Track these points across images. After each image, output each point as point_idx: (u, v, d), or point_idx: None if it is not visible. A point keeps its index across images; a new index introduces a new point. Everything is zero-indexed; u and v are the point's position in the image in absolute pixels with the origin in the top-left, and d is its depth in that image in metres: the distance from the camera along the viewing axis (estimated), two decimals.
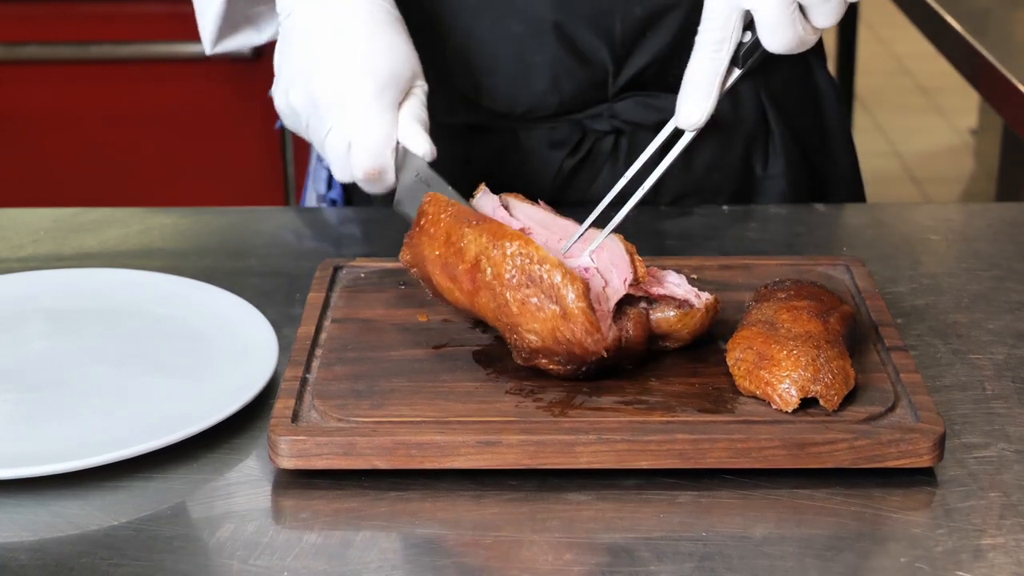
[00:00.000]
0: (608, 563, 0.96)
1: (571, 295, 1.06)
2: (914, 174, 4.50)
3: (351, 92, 1.20)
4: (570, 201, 1.47)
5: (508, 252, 1.08)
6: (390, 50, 1.22)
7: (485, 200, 1.20)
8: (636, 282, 1.11)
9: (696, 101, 1.12)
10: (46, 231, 1.46)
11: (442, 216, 1.13)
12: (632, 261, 1.12)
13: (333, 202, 1.59)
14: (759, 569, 0.96)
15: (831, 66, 1.80)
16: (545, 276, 1.07)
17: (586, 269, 1.13)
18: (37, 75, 2.58)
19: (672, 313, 1.12)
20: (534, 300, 1.07)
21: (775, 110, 1.52)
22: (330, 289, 1.24)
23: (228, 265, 1.39)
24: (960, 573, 0.95)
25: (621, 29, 1.42)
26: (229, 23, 1.40)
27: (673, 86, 1.46)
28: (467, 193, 1.23)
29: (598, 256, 1.14)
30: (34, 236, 1.45)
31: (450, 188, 1.21)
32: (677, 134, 1.15)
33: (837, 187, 1.59)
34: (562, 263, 1.07)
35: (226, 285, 1.29)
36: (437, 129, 1.30)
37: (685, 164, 1.49)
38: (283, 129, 2.63)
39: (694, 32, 1.28)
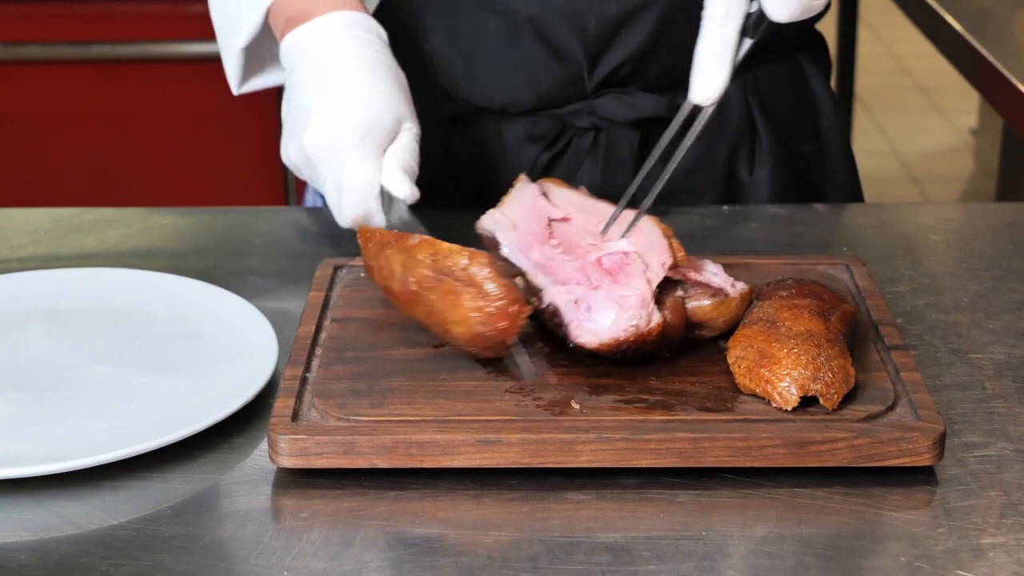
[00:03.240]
0: (608, 562, 0.96)
1: (482, 272, 1.08)
2: (914, 174, 4.50)
3: (335, 142, 1.25)
4: None
5: (419, 257, 1.10)
6: (371, 99, 1.27)
7: (525, 189, 1.21)
8: (675, 265, 1.12)
9: (708, 75, 1.13)
10: (46, 231, 1.46)
11: (370, 246, 1.15)
12: (670, 245, 1.13)
13: None
14: (759, 568, 0.96)
15: None
16: (453, 265, 1.09)
17: (626, 253, 1.14)
18: (37, 75, 2.58)
19: (708, 302, 1.12)
20: (452, 291, 1.08)
21: (764, 114, 1.52)
22: (330, 289, 1.24)
23: (228, 265, 1.39)
24: (960, 572, 0.95)
25: (595, 26, 1.43)
26: (255, 61, 1.43)
27: (650, 84, 1.47)
28: (450, 189, 1.24)
29: (636, 240, 1.14)
30: (34, 236, 1.45)
31: (423, 229, 1.22)
32: (695, 113, 1.16)
33: (833, 195, 1.59)
34: (464, 248, 1.09)
35: (226, 285, 1.29)
36: (422, 121, 1.31)
37: (666, 165, 1.50)
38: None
39: (669, 31, 1.28)
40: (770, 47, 1.51)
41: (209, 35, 1.47)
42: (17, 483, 1.04)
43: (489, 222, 1.19)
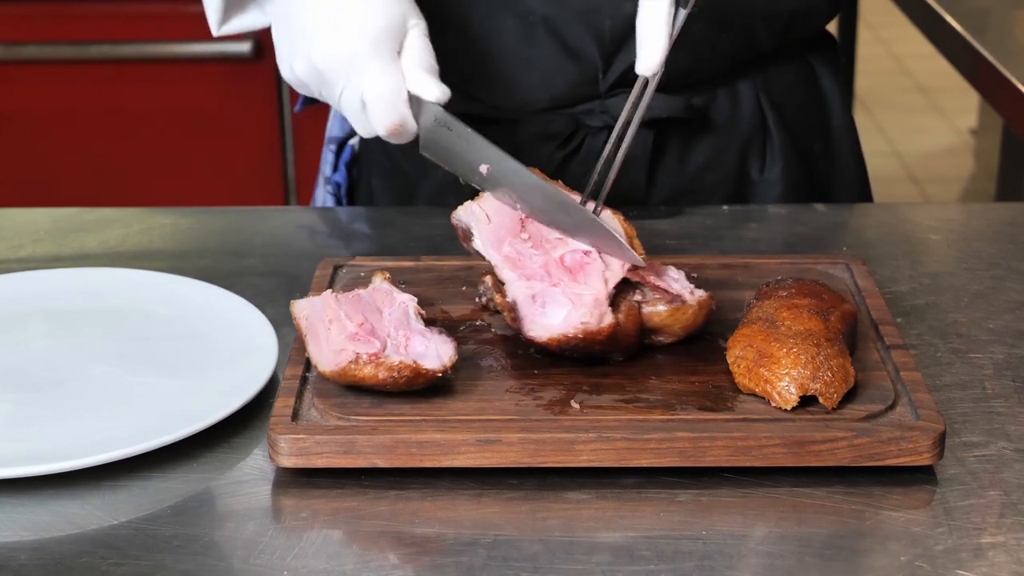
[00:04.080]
0: (608, 562, 0.96)
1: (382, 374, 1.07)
2: (914, 174, 4.50)
3: (349, 54, 1.21)
4: None
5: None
6: (376, 3, 1.23)
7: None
8: (635, 267, 1.12)
9: (650, 46, 1.17)
10: (46, 231, 1.46)
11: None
12: (632, 245, 1.12)
13: (338, 185, 1.59)
14: (759, 568, 0.96)
15: None
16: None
17: (587, 252, 1.14)
18: (37, 75, 2.58)
19: (663, 308, 1.12)
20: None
21: (775, 113, 1.52)
22: (330, 288, 1.24)
23: (228, 265, 1.39)
24: (960, 572, 0.95)
25: (611, 26, 1.43)
26: (236, 3, 1.41)
27: (664, 85, 1.48)
28: (463, 186, 1.23)
29: None
30: (34, 236, 1.45)
31: (468, 129, 1.19)
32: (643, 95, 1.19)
33: (842, 194, 1.59)
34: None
35: (226, 285, 1.29)
36: None
37: (680, 163, 1.50)
38: (283, 130, 2.63)
39: (683, 31, 1.27)
40: (781, 48, 1.51)
41: (209, 35, 1.47)
42: (17, 483, 1.04)
43: (464, 214, 1.19)
